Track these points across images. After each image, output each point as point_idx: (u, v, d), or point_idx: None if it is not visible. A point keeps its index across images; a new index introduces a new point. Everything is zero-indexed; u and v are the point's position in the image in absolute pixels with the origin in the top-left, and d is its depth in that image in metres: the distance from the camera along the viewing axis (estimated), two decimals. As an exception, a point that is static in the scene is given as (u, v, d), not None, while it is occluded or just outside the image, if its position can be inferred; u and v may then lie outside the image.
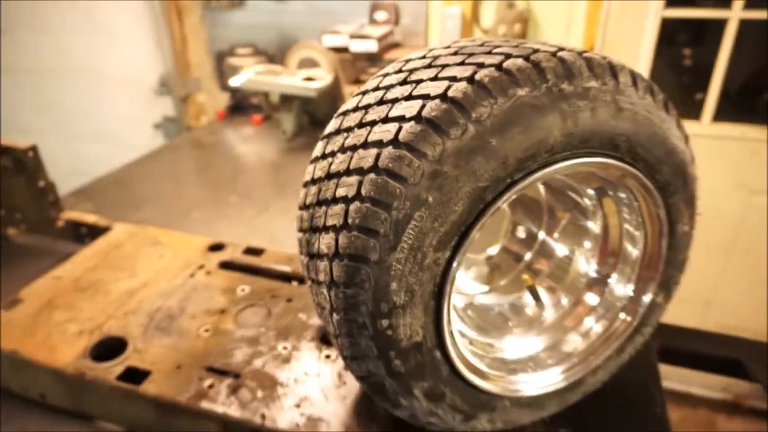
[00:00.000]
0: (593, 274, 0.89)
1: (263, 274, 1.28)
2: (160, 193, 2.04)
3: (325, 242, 0.69)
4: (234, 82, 2.59)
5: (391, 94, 0.70)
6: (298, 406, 0.95)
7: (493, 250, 0.95)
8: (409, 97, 0.67)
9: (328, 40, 2.48)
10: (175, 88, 3.14)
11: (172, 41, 3.04)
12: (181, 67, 3.10)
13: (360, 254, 0.65)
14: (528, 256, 0.95)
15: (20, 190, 1.57)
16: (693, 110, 2.39)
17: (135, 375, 1.01)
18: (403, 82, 0.71)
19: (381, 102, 0.71)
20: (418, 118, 0.64)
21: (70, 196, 1.99)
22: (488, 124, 0.62)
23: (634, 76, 0.70)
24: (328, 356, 1.04)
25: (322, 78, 2.26)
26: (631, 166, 0.71)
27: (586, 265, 0.91)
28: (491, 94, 0.63)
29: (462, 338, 0.79)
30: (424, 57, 0.74)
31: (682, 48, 2.37)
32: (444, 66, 0.69)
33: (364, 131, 0.69)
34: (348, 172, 0.68)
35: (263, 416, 0.93)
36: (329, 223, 0.69)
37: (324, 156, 0.75)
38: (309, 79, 2.25)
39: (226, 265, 1.31)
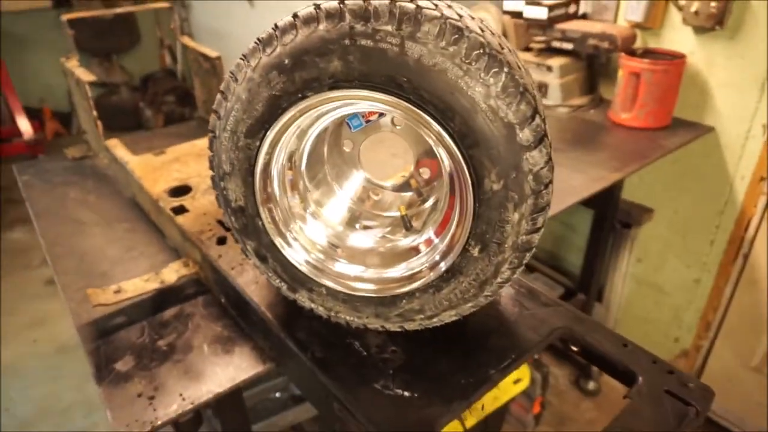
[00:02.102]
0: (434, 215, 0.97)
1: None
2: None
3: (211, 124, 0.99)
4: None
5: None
6: (244, 259, 1.27)
7: (393, 182, 1.09)
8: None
9: (507, 5, 2.54)
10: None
11: None
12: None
13: (212, 129, 0.93)
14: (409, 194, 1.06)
15: (214, 88, 2.20)
16: None
17: (179, 210, 1.47)
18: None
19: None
20: (257, 39, 0.86)
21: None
22: (288, 48, 0.82)
23: (444, 29, 0.77)
24: (290, 238, 1.33)
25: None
26: (418, 107, 0.80)
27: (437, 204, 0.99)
28: (300, 25, 0.81)
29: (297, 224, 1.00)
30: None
31: None
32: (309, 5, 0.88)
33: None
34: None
35: (219, 256, 1.28)
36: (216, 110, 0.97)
37: None
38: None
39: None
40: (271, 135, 0.88)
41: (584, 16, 2.53)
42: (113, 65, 6.10)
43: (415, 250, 0.98)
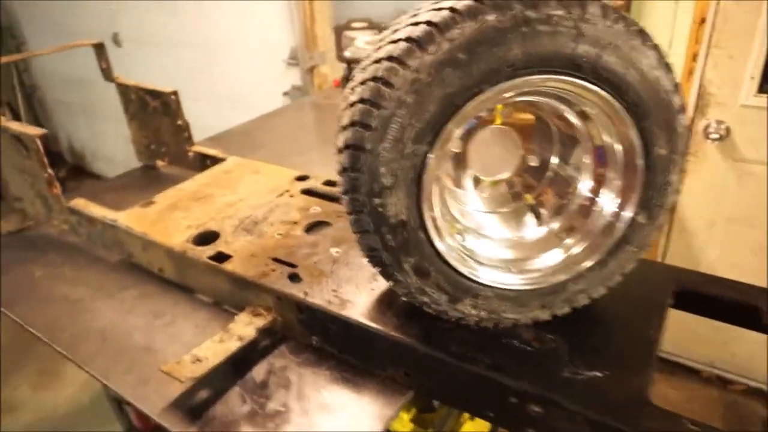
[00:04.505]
0: (587, 194, 0.99)
1: (335, 200, 1.52)
2: (275, 141, 2.39)
3: (340, 139, 0.90)
4: (346, 53, 2.88)
5: (399, 26, 0.88)
6: (334, 290, 1.17)
7: (504, 175, 1.08)
8: (408, 25, 0.84)
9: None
10: (303, 60, 3.53)
11: (303, 18, 3.42)
12: (308, 41, 3.47)
13: (359, 144, 0.85)
14: (536, 182, 1.07)
15: (165, 128, 1.98)
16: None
17: (221, 258, 1.30)
18: (410, 17, 0.88)
19: (392, 32, 0.89)
20: (408, 39, 0.81)
21: (205, 140, 2.41)
22: (458, 42, 0.78)
23: (605, 9, 0.80)
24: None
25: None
26: (596, 85, 0.82)
27: (582, 186, 1.01)
28: (464, 19, 0.78)
29: (451, 230, 0.95)
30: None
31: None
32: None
33: (374, 54, 0.88)
34: (359, 84, 0.88)
35: (305, 293, 1.16)
36: (343, 123, 0.89)
37: (351, 79, 0.96)
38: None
39: (306, 192, 1.57)
40: (442, 137, 0.83)
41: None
42: (-57, 132, 5.16)
43: (576, 232, 0.99)
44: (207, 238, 1.39)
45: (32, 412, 2.98)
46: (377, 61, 0.85)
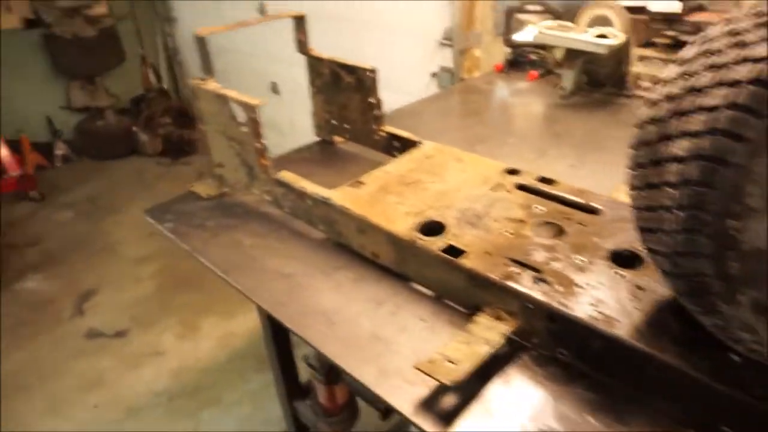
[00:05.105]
0: None
1: (556, 200, 1.41)
2: (447, 126, 2.31)
3: (681, 146, 0.79)
4: (520, 36, 2.73)
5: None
6: (593, 304, 1.08)
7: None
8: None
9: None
10: (458, 41, 3.41)
11: (463, -2, 3.30)
12: (465, 21, 3.36)
13: (720, 157, 0.73)
14: None
15: (354, 104, 1.95)
16: None
17: (452, 251, 1.25)
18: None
19: (758, 26, 0.76)
20: None
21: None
22: None
23: None
24: (621, 275, 1.14)
25: (615, 36, 2.25)
26: None
27: None
28: None
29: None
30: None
31: None
32: None
33: (737, 51, 0.76)
34: (717, 85, 0.76)
35: (562, 303, 1.08)
36: (689, 129, 0.78)
37: (681, 76, 0.84)
38: (600, 36, 2.27)
39: (522, 187, 1.48)
40: None
41: (700, 8, 2.47)
42: (97, 87, 5.56)
43: None
44: (433, 228, 1.33)
45: (176, 359, 3.16)
46: (753, 60, 0.73)
